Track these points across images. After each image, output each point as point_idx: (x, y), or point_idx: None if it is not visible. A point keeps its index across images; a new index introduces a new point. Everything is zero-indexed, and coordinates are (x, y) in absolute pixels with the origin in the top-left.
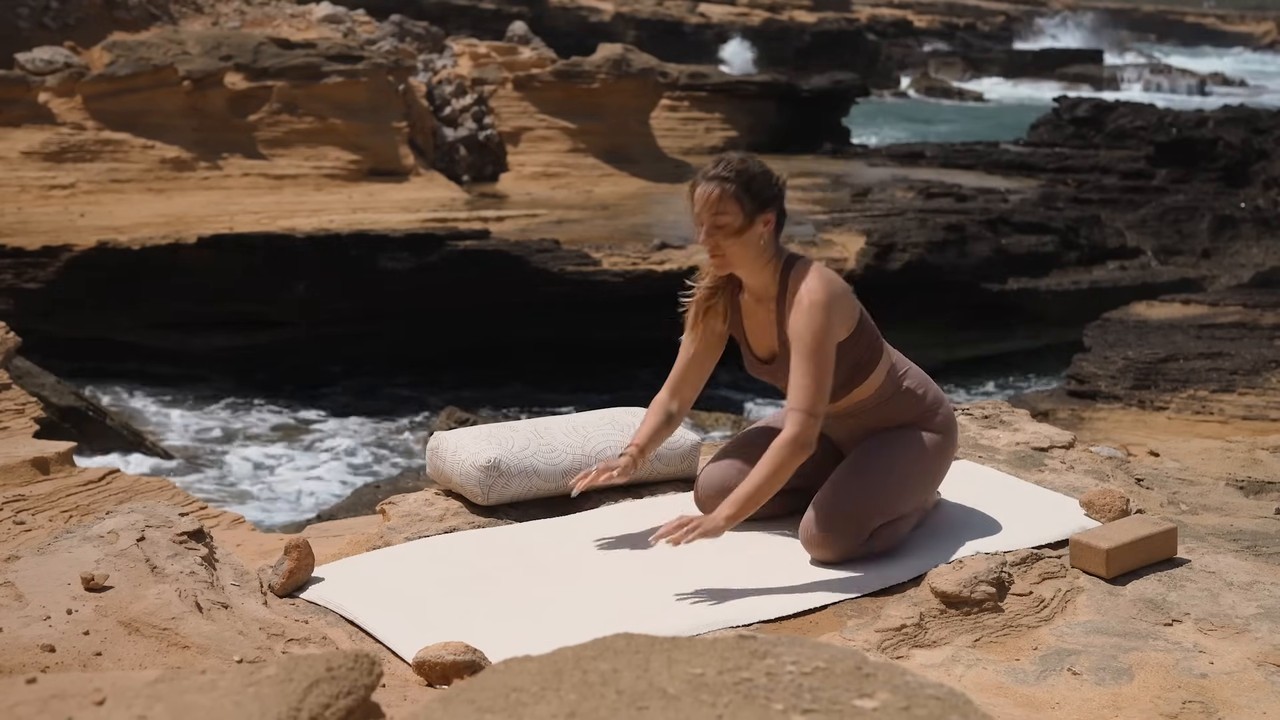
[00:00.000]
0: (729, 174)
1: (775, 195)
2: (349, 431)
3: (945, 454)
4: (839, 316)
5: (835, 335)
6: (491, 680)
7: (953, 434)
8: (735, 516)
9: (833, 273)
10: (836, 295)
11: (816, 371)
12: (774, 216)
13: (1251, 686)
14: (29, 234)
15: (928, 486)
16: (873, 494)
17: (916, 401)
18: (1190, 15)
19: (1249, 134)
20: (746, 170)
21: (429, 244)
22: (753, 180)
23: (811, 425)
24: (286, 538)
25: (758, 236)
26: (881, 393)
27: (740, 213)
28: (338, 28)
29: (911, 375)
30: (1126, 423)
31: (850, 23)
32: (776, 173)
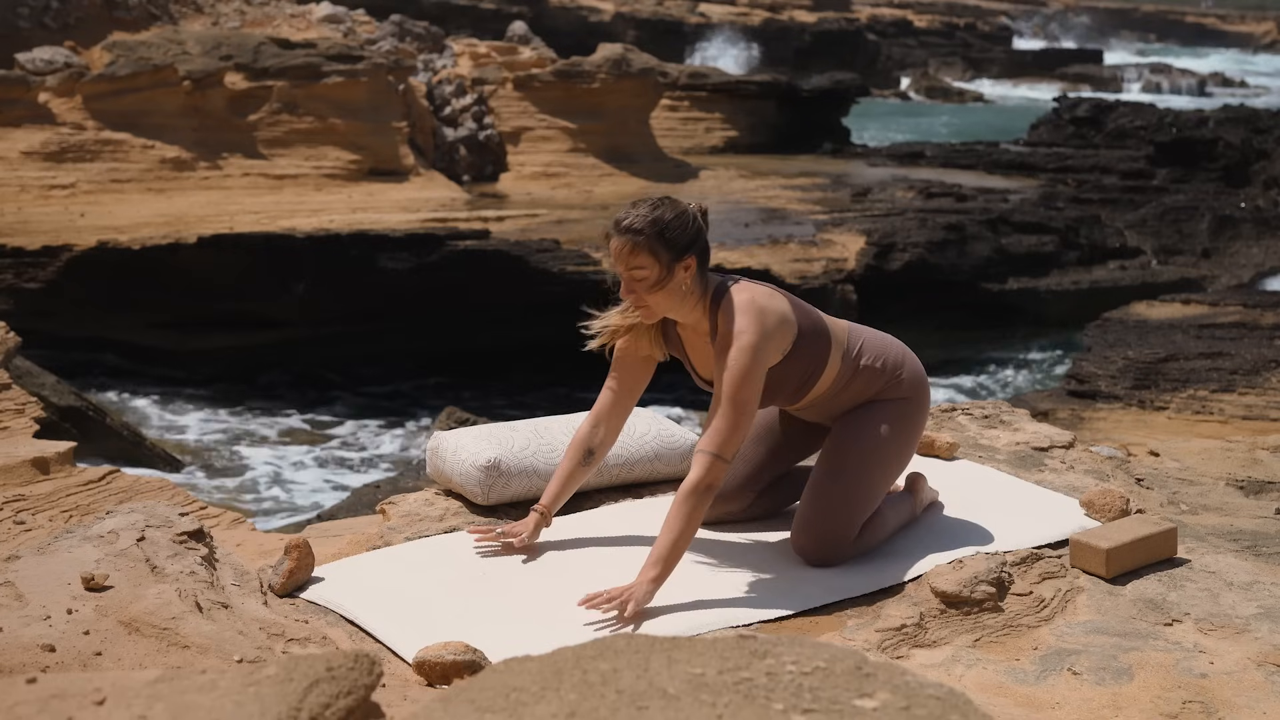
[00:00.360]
0: (640, 226)
1: (693, 238)
2: (349, 431)
3: (917, 419)
4: (769, 352)
5: (762, 375)
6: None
7: (921, 392)
8: (661, 576)
9: (764, 297)
10: (767, 331)
11: (734, 416)
12: (694, 260)
13: (1251, 686)
14: (29, 234)
15: (905, 459)
16: (851, 500)
17: (876, 375)
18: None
19: (1249, 134)
20: (659, 220)
21: (429, 244)
22: (666, 229)
23: (718, 468)
24: (286, 538)
25: (679, 284)
26: (839, 380)
27: (657, 264)
28: (338, 28)
29: (867, 350)
30: (1126, 423)
31: (850, 23)
32: (692, 211)
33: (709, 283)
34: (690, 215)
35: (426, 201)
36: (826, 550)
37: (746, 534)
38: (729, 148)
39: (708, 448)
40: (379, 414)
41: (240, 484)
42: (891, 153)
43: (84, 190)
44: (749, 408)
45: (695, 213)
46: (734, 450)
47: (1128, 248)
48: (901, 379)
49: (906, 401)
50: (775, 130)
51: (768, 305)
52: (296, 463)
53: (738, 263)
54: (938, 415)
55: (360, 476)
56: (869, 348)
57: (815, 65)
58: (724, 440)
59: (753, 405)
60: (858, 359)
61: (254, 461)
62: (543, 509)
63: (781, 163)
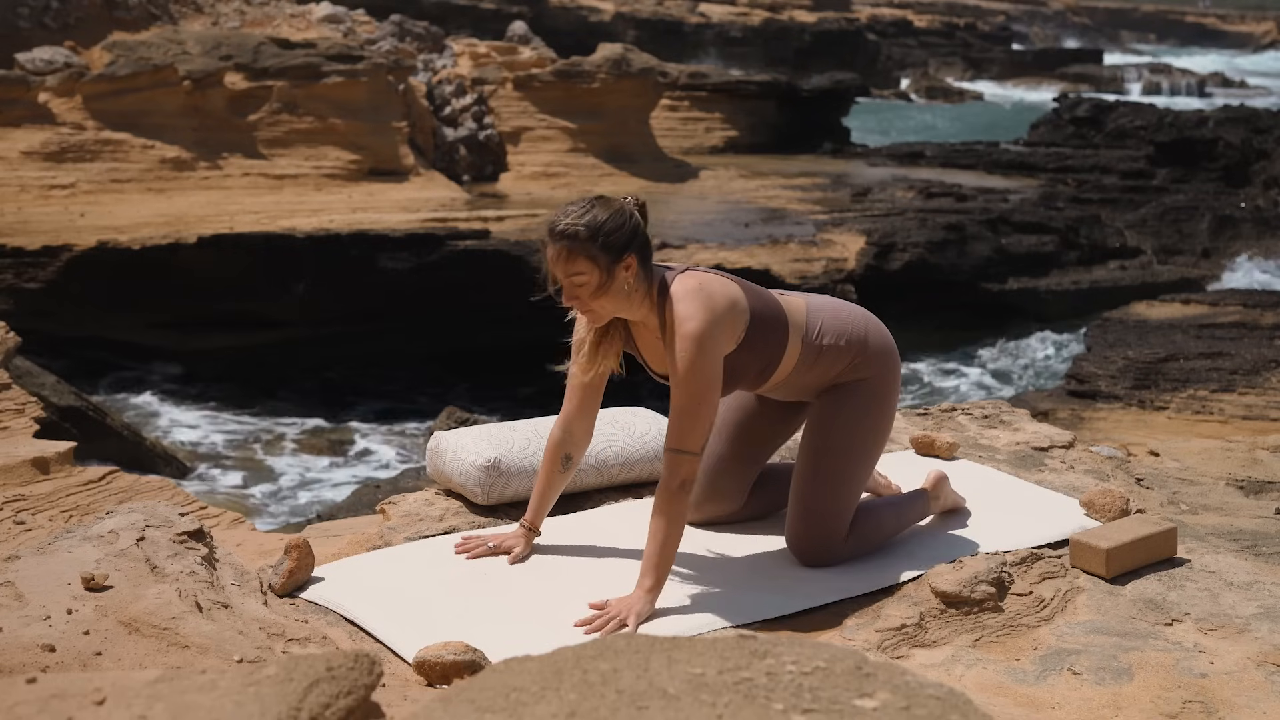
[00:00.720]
0: (575, 230)
1: (630, 236)
2: (348, 431)
3: (887, 395)
4: (720, 339)
5: (715, 362)
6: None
7: (888, 363)
8: (657, 585)
9: (711, 283)
10: (715, 317)
11: (693, 407)
12: (634, 258)
13: (1251, 686)
14: (29, 234)
15: (882, 438)
16: (833, 495)
17: (841, 353)
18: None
19: (1249, 134)
20: (593, 222)
21: (429, 244)
22: (601, 230)
23: (688, 463)
24: (286, 538)
25: (622, 284)
26: (802, 362)
27: (596, 268)
28: (338, 28)
29: (828, 330)
30: (1126, 422)
31: (850, 23)
32: (627, 207)
33: (654, 278)
34: (626, 212)
35: (426, 201)
36: (818, 549)
37: (745, 534)
38: (729, 148)
39: (673, 445)
40: (379, 414)
41: (240, 484)
42: (891, 153)
43: (84, 190)
44: (708, 397)
45: (631, 208)
46: (701, 442)
47: (1128, 248)
48: (868, 353)
49: (873, 380)
50: (775, 130)
51: (715, 290)
52: (296, 462)
53: (738, 263)
54: (938, 415)
55: (360, 476)
56: (829, 327)
57: (815, 65)
58: (687, 434)
59: (711, 394)
60: (819, 340)
61: (254, 461)
62: (529, 524)
63: (781, 163)
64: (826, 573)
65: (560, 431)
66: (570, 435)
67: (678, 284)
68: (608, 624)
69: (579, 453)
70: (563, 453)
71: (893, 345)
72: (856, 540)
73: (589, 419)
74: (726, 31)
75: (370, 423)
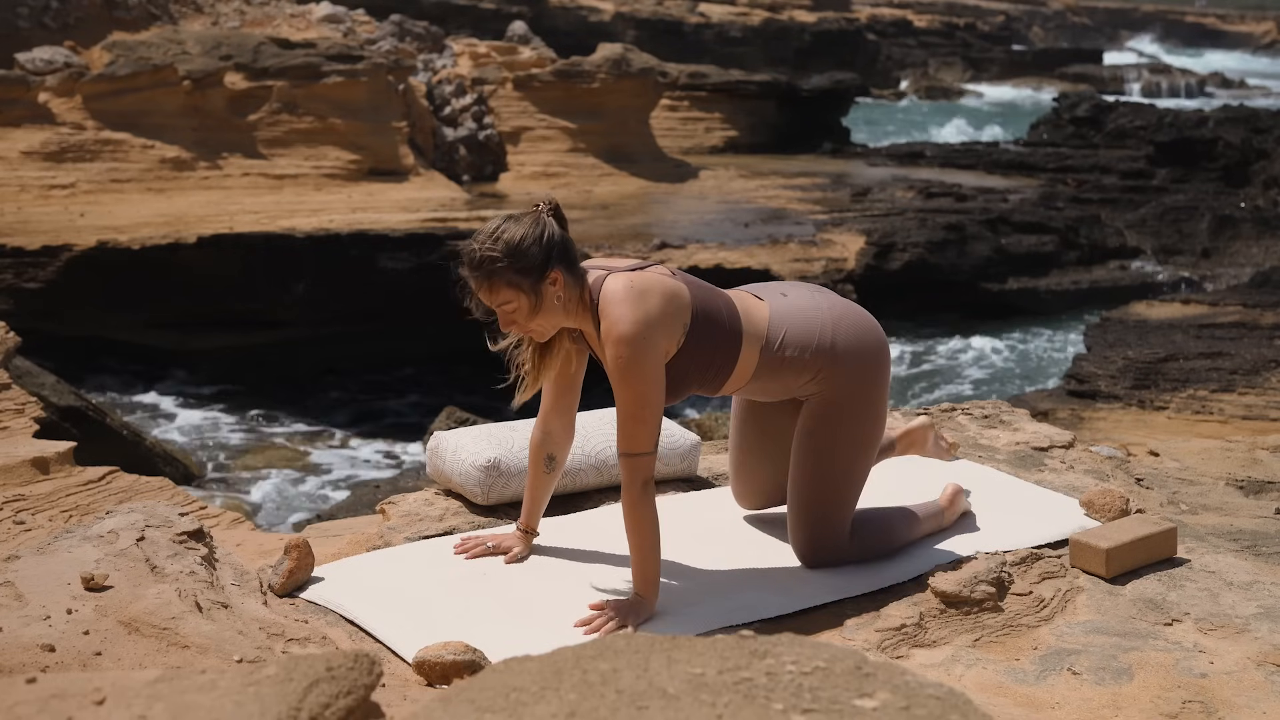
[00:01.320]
0: (489, 257)
1: (548, 250)
2: (348, 431)
3: (870, 396)
4: (655, 337)
5: (652, 360)
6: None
7: (866, 364)
8: (651, 591)
9: (645, 280)
10: (648, 316)
11: (635, 409)
12: (558, 272)
13: (1251, 686)
14: (29, 234)
15: (875, 438)
16: (826, 501)
17: (806, 365)
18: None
19: (1249, 134)
20: (508, 245)
21: (429, 244)
22: (516, 253)
23: (640, 465)
24: (286, 537)
25: (553, 299)
26: (761, 372)
27: (521, 293)
28: (338, 27)
29: (790, 342)
30: (1126, 422)
31: (850, 23)
32: (541, 218)
33: (584, 283)
34: (540, 223)
35: (426, 201)
36: (820, 550)
37: (746, 534)
38: (729, 148)
39: (625, 449)
40: (378, 414)
41: (240, 483)
42: (891, 153)
43: (84, 190)
44: (649, 397)
45: (544, 216)
46: (652, 441)
47: (1128, 248)
48: (836, 361)
49: (852, 384)
50: (775, 130)
51: (648, 288)
52: (296, 462)
53: (738, 263)
54: (937, 415)
55: (360, 476)
56: (792, 339)
57: (815, 65)
58: (635, 437)
59: (652, 393)
60: (780, 352)
61: (254, 461)
62: (525, 527)
63: (781, 163)
64: (826, 573)
65: (539, 433)
66: (550, 435)
67: (609, 287)
68: (607, 625)
69: (562, 452)
70: (544, 454)
71: (872, 342)
72: (863, 544)
73: (567, 417)
74: (726, 31)
75: (370, 423)
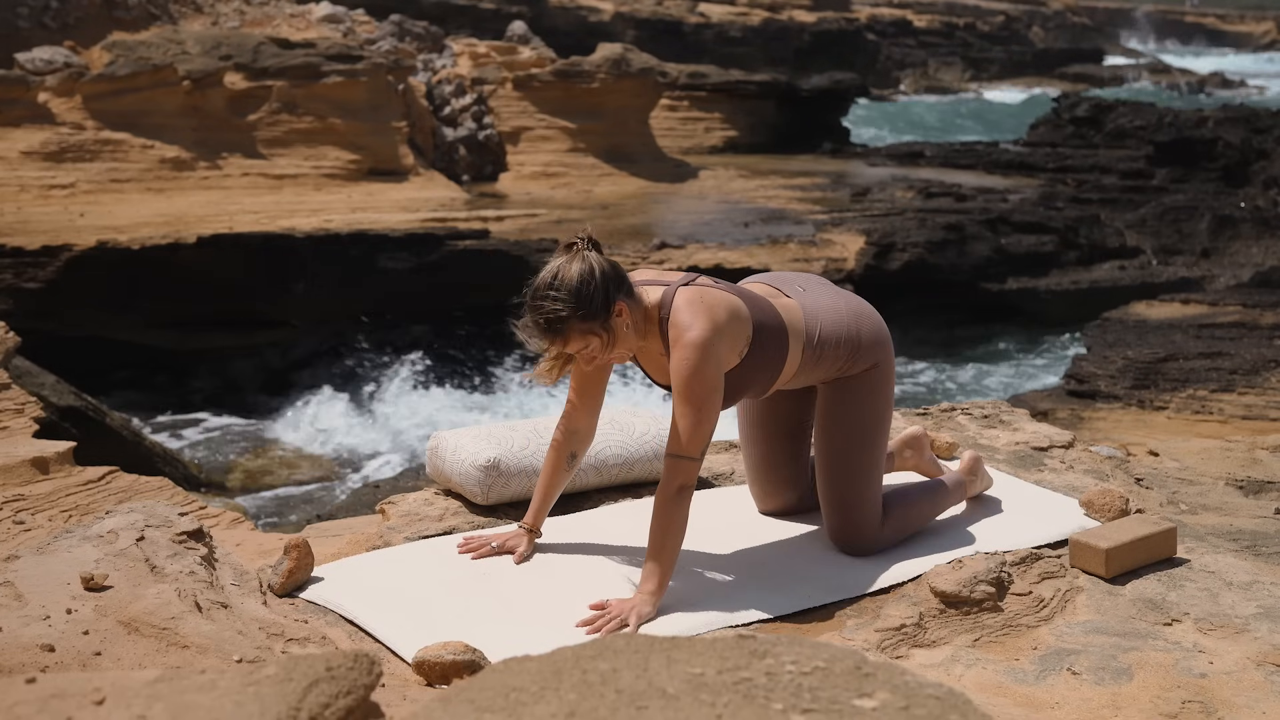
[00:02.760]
0: (558, 317)
1: (605, 285)
2: (348, 431)
3: (883, 383)
4: (721, 348)
5: (717, 368)
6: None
7: (882, 350)
8: (659, 587)
9: (711, 295)
10: (717, 326)
11: (694, 414)
12: (622, 303)
13: (1251, 686)
14: (29, 234)
15: (887, 423)
16: (859, 482)
17: (839, 355)
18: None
19: (1249, 134)
20: (571, 296)
21: (429, 244)
22: (580, 299)
23: (688, 468)
24: (286, 537)
25: (623, 328)
26: (804, 367)
27: (594, 334)
28: (337, 27)
29: (826, 337)
30: (1126, 422)
31: (850, 23)
32: (585, 255)
33: (648, 302)
34: (588, 262)
35: (426, 201)
36: (859, 537)
37: (746, 534)
38: (729, 148)
39: (673, 450)
40: (378, 414)
41: (240, 483)
42: (891, 153)
43: (84, 190)
44: (709, 402)
45: (587, 252)
46: (701, 448)
47: (1128, 248)
48: (863, 347)
49: (870, 371)
50: (775, 130)
51: (716, 302)
52: (296, 462)
53: (738, 263)
54: (937, 415)
55: (359, 476)
56: (827, 331)
57: (815, 65)
58: (687, 440)
59: (713, 400)
60: (819, 345)
61: (253, 461)
62: (530, 526)
63: (781, 163)
64: (827, 572)
65: (564, 431)
66: (576, 434)
67: (679, 300)
68: (608, 624)
69: (583, 450)
70: (569, 451)
71: (885, 332)
72: (896, 525)
73: (593, 417)
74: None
75: (369, 423)
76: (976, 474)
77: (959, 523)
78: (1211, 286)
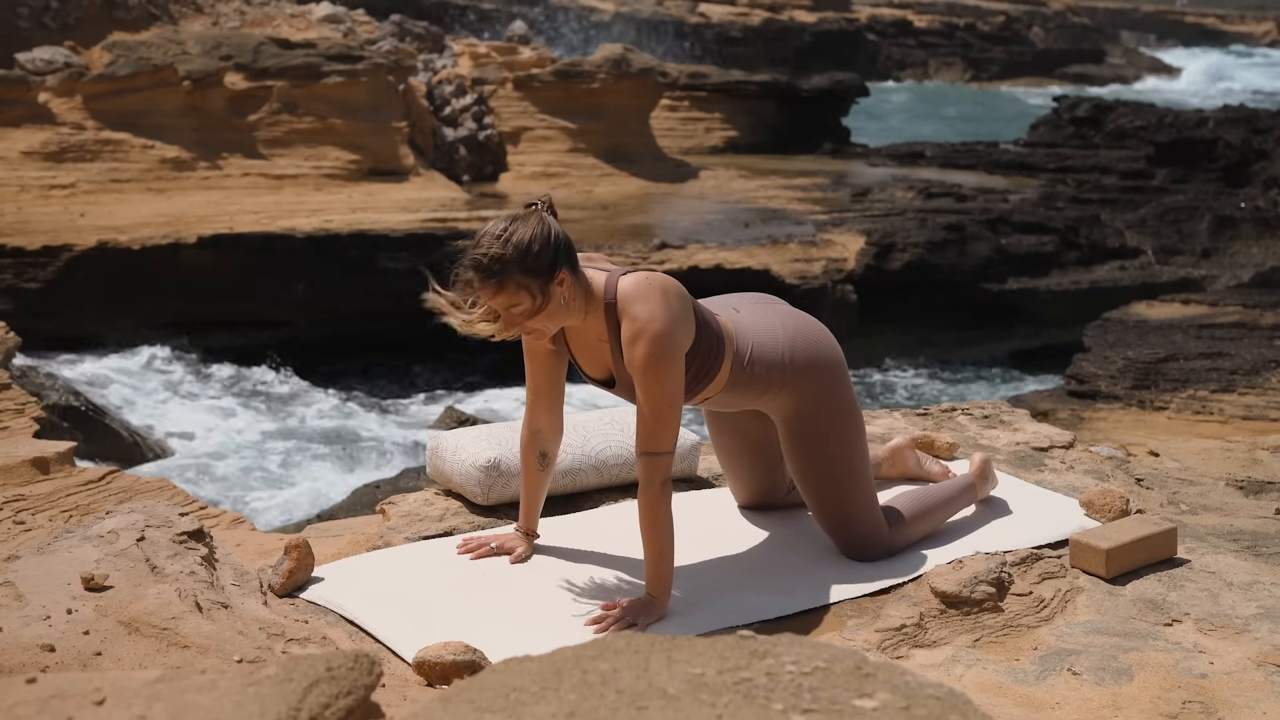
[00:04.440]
0: (500, 264)
1: (555, 250)
2: (349, 431)
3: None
4: (680, 336)
5: (680, 360)
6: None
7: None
8: (663, 590)
9: (661, 282)
10: (673, 313)
11: (661, 408)
12: (565, 272)
13: (1251, 686)
14: (29, 234)
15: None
16: (844, 498)
17: (768, 380)
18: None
19: (1249, 134)
20: (518, 247)
21: (429, 244)
22: (525, 255)
23: (660, 464)
24: (286, 538)
25: (559, 298)
26: (733, 383)
27: (529, 294)
28: (338, 28)
29: (756, 359)
30: (1126, 423)
31: (850, 23)
32: (543, 217)
33: (590, 282)
34: (544, 224)
35: (426, 201)
36: (865, 551)
37: (746, 535)
38: (729, 148)
39: (646, 448)
40: (378, 414)
41: (240, 484)
42: (891, 153)
43: (84, 190)
44: (674, 395)
45: (546, 217)
46: (674, 441)
47: (1128, 248)
48: (796, 373)
49: (814, 393)
50: (775, 130)
51: (665, 285)
52: (296, 462)
53: (738, 263)
54: (937, 415)
55: (360, 476)
56: (757, 355)
57: (815, 65)
58: (658, 435)
59: (678, 391)
60: (749, 367)
61: (254, 461)
62: (525, 529)
63: (781, 163)
64: (826, 572)
65: (528, 433)
66: (539, 434)
67: (626, 284)
68: (615, 624)
69: (553, 448)
70: (536, 452)
71: (826, 351)
72: (908, 530)
73: (555, 415)
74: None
75: (369, 423)
76: (986, 477)
77: (959, 523)
78: (1212, 287)
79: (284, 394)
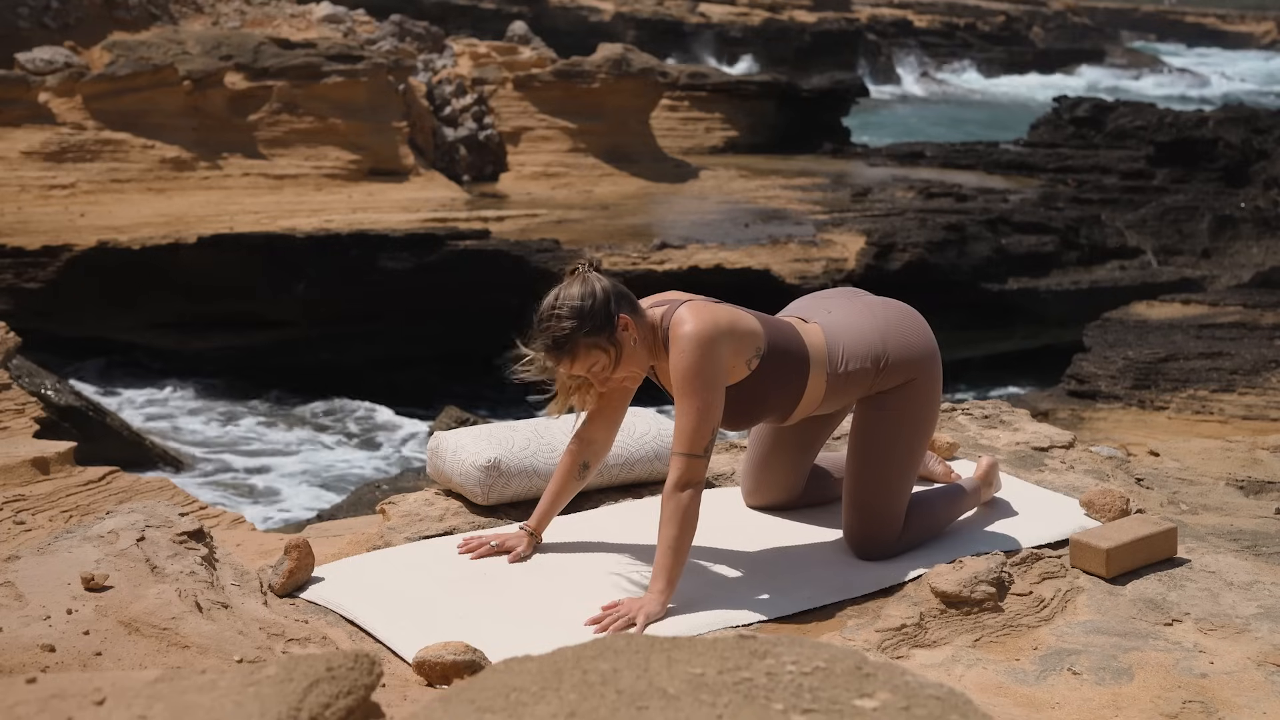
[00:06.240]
0: (565, 336)
1: (606, 301)
2: (349, 431)
3: (924, 394)
4: (719, 347)
5: (715, 365)
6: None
7: (919, 364)
8: (668, 587)
9: (716, 305)
10: (716, 326)
11: (694, 410)
12: (625, 316)
13: (1251, 686)
14: (29, 234)
15: (925, 438)
16: (886, 492)
17: (865, 375)
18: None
19: (1249, 134)
20: (574, 312)
21: (429, 244)
22: (585, 317)
23: (693, 467)
24: (286, 538)
25: (630, 343)
26: (829, 392)
27: (602, 351)
28: (338, 27)
29: (850, 357)
30: (1126, 423)
31: (850, 23)
32: (587, 276)
33: (651, 318)
34: (588, 283)
35: (426, 201)
36: (875, 545)
37: (747, 535)
38: (729, 148)
39: (680, 449)
40: (378, 414)
41: (240, 484)
42: (891, 153)
43: (84, 190)
44: (709, 399)
45: (587, 274)
46: (705, 444)
47: (1128, 248)
48: (890, 365)
49: (906, 384)
50: (775, 130)
51: (717, 309)
52: (296, 462)
53: (738, 263)
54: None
55: (360, 476)
56: (851, 353)
57: (815, 65)
58: (690, 438)
59: (713, 395)
60: (844, 370)
61: (254, 461)
62: (532, 529)
63: (781, 163)
64: (827, 572)
65: (580, 441)
66: (592, 444)
67: (682, 309)
68: (615, 623)
69: (596, 461)
70: (582, 460)
71: (922, 342)
72: (913, 533)
73: (610, 430)
74: (726, 31)
75: (369, 423)
76: (991, 482)
77: (959, 523)
78: (1212, 287)
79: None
